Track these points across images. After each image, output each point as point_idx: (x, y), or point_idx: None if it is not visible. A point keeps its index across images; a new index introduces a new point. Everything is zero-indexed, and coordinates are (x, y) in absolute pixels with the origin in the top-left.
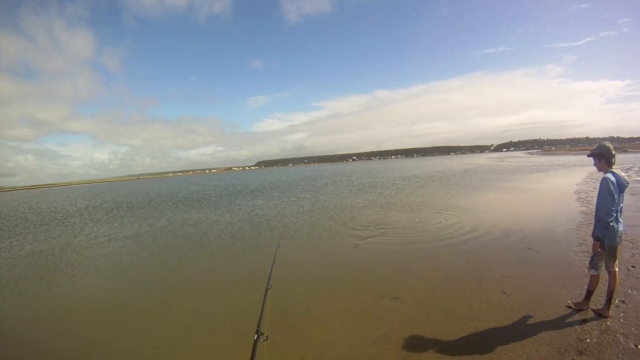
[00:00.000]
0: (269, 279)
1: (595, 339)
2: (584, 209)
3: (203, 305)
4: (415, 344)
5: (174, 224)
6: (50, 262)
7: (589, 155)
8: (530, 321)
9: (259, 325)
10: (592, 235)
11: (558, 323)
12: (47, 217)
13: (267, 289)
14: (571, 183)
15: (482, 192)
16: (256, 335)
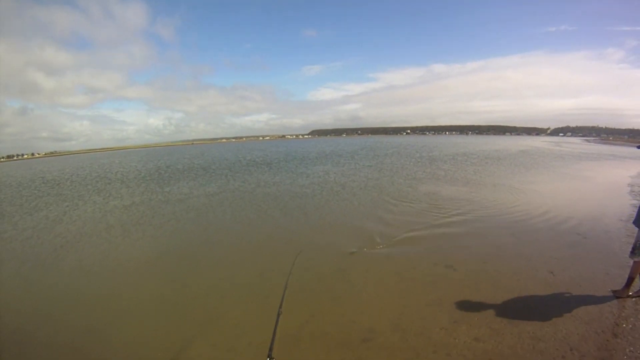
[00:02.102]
0: (281, 305)
1: (630, 325)
2: (635, 202)
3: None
4: (465, 309)
5: (250, 185)
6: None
7: (638, 147)
8: (573, 301)
9: (270, 349)
10: (634, 222)
11: (598, 306)
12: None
13: (278, 314)
14: (625, 175)
15: (537, 176)
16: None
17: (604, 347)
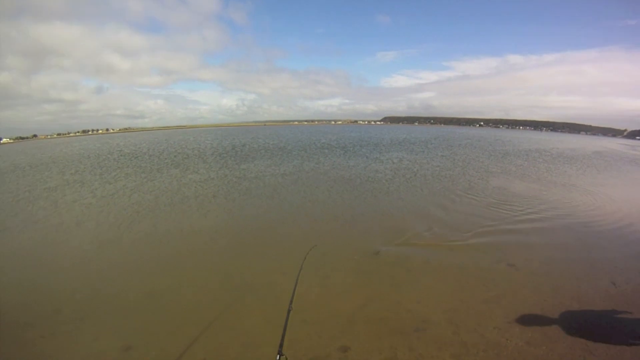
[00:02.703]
0: (291, 301)
1: None
2: None
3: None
4: (522, 310)
5: (324, 166)
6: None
7: None
8: (631, 317)
9: (280, 346)
10: None
11: None
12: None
13: (289, 311)
14: None
15: (609, 179)
16: (278, 356)
17: None
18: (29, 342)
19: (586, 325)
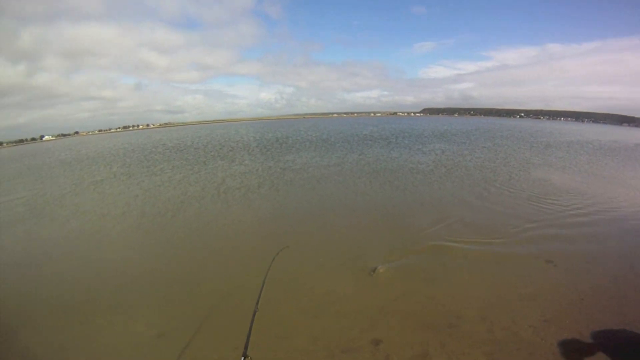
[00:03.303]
0: (258, 302)
1: None
2: None
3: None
4: (558, 309)
5: (368, 157)
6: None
7: None
8: None
9: (245, 347)
10: None
11: None
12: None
13: (255, 312)
14: None
15: None
16: (243, 358)
17: None
18: (69, 325)
19: (626, 326)
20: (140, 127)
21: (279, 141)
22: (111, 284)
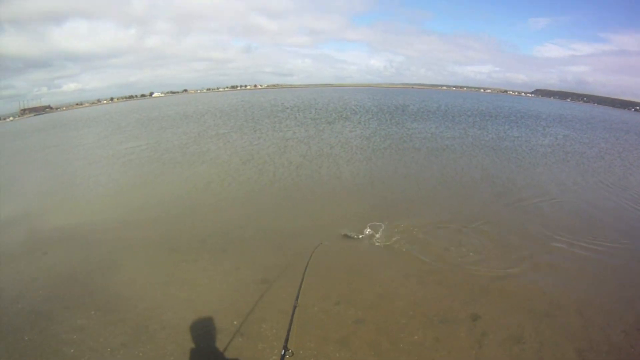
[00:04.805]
0: (297, 298)
1: None
2: None
3: None
4: None
5: (489, 134)
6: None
7: None
8: None
9: (286, 341)
10: None
11: None
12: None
13: (294, 307)
14: None
15: None
16: (283, 351)
17: None
18: (173, 264)
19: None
20: (248, 87)
21: (399, 109)
22: (220, 231)
